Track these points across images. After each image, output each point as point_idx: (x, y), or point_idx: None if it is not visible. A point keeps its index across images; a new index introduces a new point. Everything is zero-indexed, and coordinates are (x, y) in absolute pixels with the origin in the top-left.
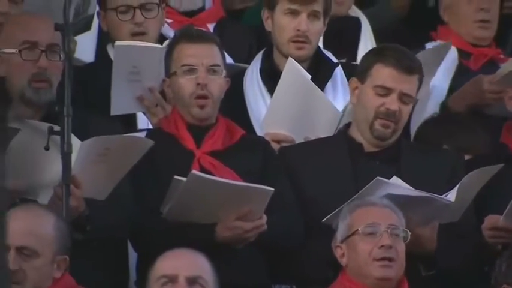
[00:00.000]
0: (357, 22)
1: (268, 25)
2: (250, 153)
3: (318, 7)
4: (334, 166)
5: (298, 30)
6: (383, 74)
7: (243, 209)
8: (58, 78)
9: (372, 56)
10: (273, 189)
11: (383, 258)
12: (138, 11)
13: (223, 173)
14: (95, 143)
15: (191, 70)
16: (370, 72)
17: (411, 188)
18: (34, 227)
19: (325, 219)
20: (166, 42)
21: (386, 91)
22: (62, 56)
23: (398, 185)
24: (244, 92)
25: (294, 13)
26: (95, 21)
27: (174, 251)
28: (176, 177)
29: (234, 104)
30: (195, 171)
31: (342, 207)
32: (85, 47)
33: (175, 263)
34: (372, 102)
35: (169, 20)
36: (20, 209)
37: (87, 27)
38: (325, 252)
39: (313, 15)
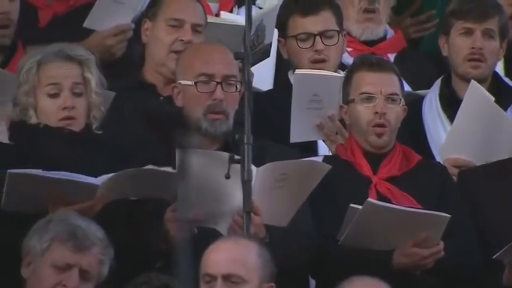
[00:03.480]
0: None
1: (445, 50)
2: (427, 179)
3: (493, 25)
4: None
5: (473, 48)
6: None
7: (420, 236)
8: (234, 109)
9: None
10: (449, 215)
11: None
12: (318, 39)
13: (400, 199)
14: (271, 169)
15: (370, 98)
16: None
17: None
18: (239, 255)
19: (496, 255)
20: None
21: None
22: (238, 86)
23: None
24: (423, 119)
25: (469, 32)
26: (273, 49)
27: (362, 279)
28: (352, 205)
29: (412, 130)
30: (370, 199)
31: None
32: (262, 75)
33: None
34: None
35: (349, 49)
36: (222, 240)
37: (263, 56)
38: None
39: (487, 34)
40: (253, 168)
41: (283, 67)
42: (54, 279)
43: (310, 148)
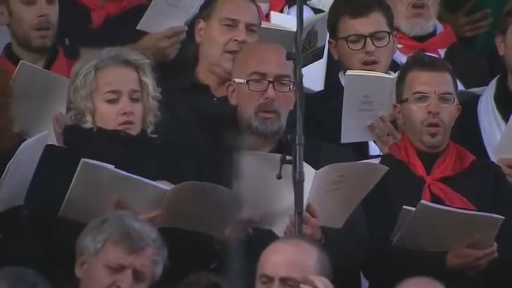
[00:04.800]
0: None
1: (501, 50)
2: (481, 179)
3: None
4: None
5: None
6: None
7: (474, 237)
8: (288, 109)
9: None
10: (502, 217)
11: None
12: (369, 40)
13: (453, 200)
14: (330, 171)
15: (423, 98)
16: None
17: None
18: (298, 259)
19: None
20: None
21: None
22: (291, 86)
23: None
24: (479, 118)
25: None
26: (326, 50)
27: (418, 280)
28: (405, 207)
29: (467, 130)
30: (424, 201)
31: None
32: (313, 76)
33: None
34: None
35: (399, 45)
36: (282, 241)
37: (314, 58)
38: None
39: None
40: (311, 169)
41: (333, 68)
42: (108, 280)
43: (361, 148)
